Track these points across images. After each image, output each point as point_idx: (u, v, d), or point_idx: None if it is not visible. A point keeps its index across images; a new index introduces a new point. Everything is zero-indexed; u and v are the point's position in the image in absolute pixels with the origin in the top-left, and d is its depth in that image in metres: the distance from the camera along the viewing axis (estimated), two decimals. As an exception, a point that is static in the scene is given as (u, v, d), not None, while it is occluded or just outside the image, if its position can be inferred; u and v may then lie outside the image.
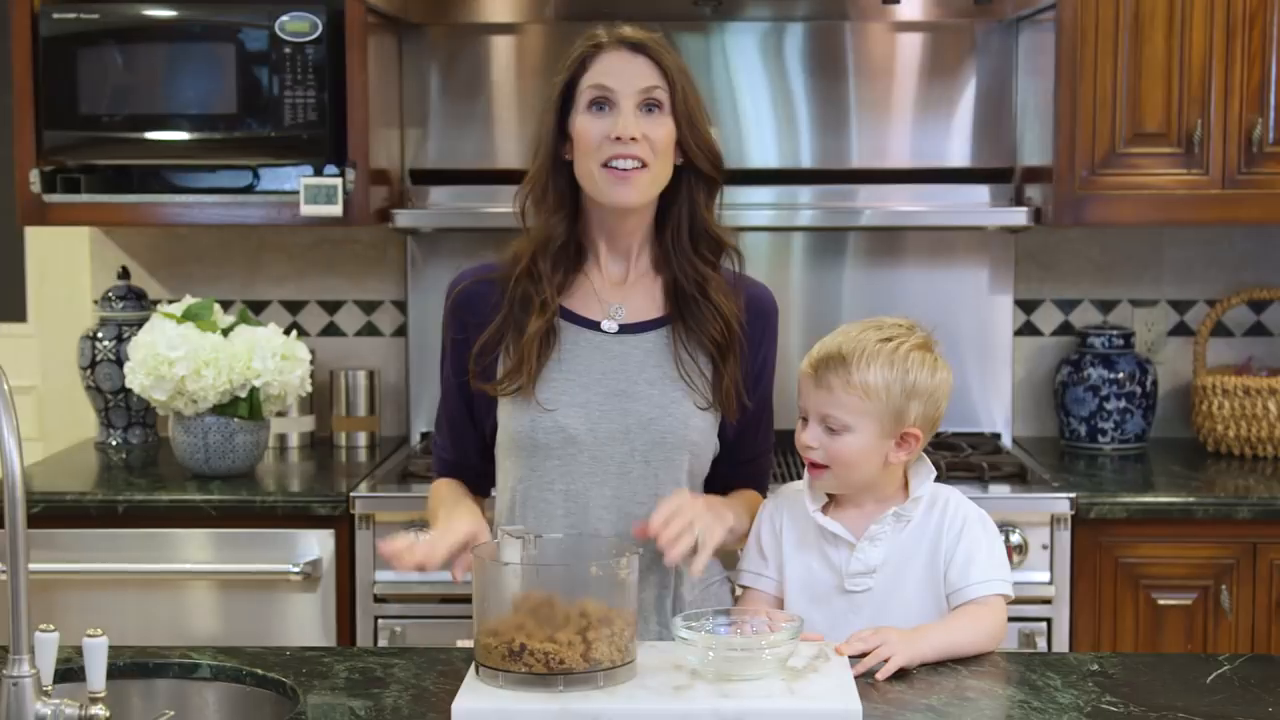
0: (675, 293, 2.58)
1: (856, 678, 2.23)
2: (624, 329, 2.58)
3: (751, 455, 2.70)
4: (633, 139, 2.46)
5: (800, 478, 2.56)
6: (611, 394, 2.54)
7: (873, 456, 2.45)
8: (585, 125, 2.49)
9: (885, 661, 2.30)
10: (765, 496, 2.71)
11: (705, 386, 2.56)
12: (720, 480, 2.66)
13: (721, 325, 2.56)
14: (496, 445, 2.63)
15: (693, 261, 2.56)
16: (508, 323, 2.55)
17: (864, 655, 2.31)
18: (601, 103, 2.49)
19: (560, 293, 2.57)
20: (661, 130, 2.49)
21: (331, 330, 4.29)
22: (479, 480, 2.69)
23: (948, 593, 2.47)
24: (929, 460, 2.55)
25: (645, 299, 2.60)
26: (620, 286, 2.60)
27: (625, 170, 2.47)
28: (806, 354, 2.51)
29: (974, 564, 2.45)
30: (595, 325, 2.58)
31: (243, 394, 3.66)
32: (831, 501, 2.54)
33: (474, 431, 2.65)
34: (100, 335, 4.03)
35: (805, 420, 2.49)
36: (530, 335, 2.52)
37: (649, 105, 2.49)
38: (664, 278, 2.60)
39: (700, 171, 2.56)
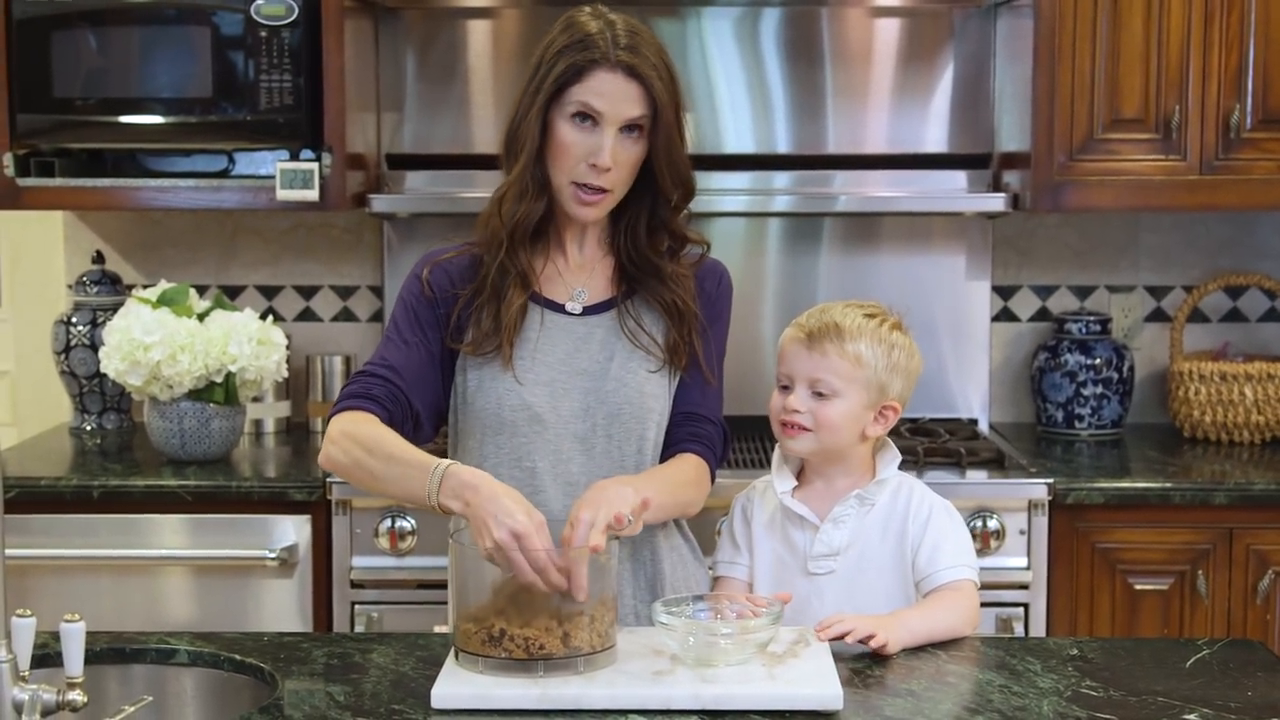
0: (624, 271, 2.63)
1: (837, 660, 2.23)
2: (587, 310, 2.62)
3: (697, 415, 2.65)
4: (607, 168, 2.50)
5: (765, 463, 2.57)
6: (575, 373, 2.57)
7: (854, 425, 2.51)
8: (567, 135, 2.51)
9: (872, 637, 2.30)
10: (709, 464, 2.65)
11: (656, 346, 2.60)
12: (666, 441, 2.64)
13: (671, 292, 2.60)
14: (457, 426, 2.63)
15: (644, 253, 2.61)
16: (482, 290, 2.56)
17: (842, 637, 2.31)
18: (585, 117, 2.50)
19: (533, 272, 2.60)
20: (635, 152, 2.53)
21: (307, 315, 4.28)
22: (403, 419, 2.57)
23: (917, 579, 2.50)
24: (894, 446, 2.60)
25: (603, 279, 2.65)
26: (580, 269, 2.65)
27: (590, 196, 2.52)
28: (789, 326, 2.56)
29: (941, 550, 2.49)
30: (560, 307, 2.61)
31: (219, 379, 3.64)
32: (799, 485, 2.57)
33: (425, 386, 2.58)
34: (74, 320, 4.01)
35: (786, 388, 2.53)
36: (510, 307, 2.54)
37: (629, 128, 2.51)
38: (614, 256, 2.65)
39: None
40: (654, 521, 2.54)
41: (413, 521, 3.51)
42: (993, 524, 3.49)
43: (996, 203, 3.92)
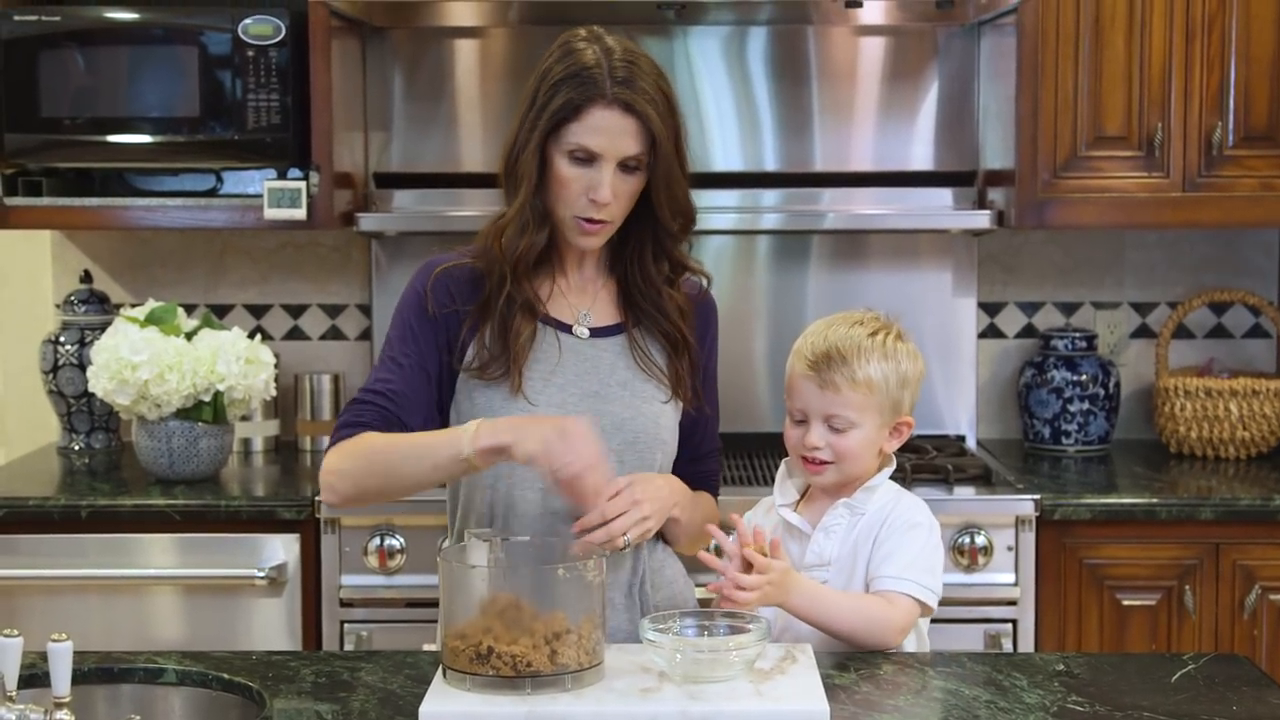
0: (628, 297, 2.63)
1: (824, 676, 2.24)
2: (593, 333, 2.62)
3: (701, 454, 2.71)
4: (607, 204, 2.50)
5: (756, 480, 2.57)
6: (586, 395, 2.56)
7: (873, 448, 2.52)
8: (565, 172, 2.49)
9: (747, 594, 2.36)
10: (716, 498, 2.74)
11: (664, 377, 2.61)
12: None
13: (671, 323, 2.61)
14: None
15: (651, 278, 2.62)
16: (487, 313, 2.55)
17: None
18: (584, 157, 2.49)
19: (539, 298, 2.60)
20: (633, 183, 2.53)
21: (295, 334, 4.28)
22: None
23: (867, 580, 2.50)
24: (892, 457, 2.60)
25: (606, 303, 2.65)
26: (582, 291, 2.64)
27: (592, 226, 2.52)
28: (794, 353, 2.55)
29: (892, 560, 2.47)
30: (568, 329, 2.60)
31: (207, 398, 3.64)
32: (803, 498, 2.59)
33: (419, 405, 2.57)
34: (62, 339, 4.01)
35: (801, 422, 2.53)
36: (519, 334, 2.53)
37: (627, 161, 2.51)
38: (617, 279, 2.65)
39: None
40: (675, 543, 2.62)
41: (402, 540, 3.52)
42: (980, 540, 3.50)
43: (982, 220, 3.93)
